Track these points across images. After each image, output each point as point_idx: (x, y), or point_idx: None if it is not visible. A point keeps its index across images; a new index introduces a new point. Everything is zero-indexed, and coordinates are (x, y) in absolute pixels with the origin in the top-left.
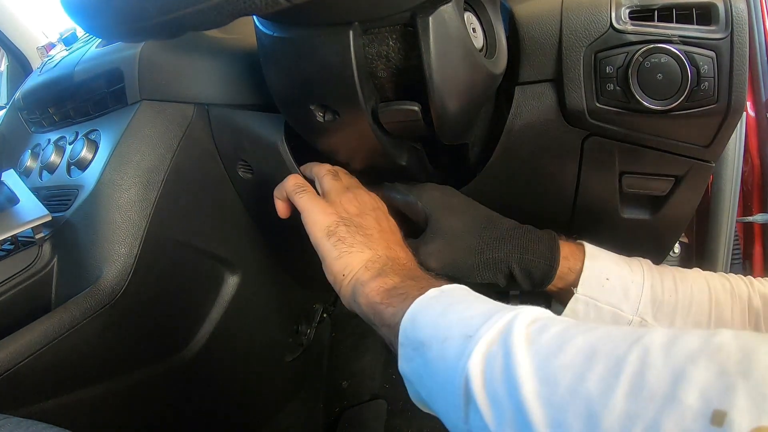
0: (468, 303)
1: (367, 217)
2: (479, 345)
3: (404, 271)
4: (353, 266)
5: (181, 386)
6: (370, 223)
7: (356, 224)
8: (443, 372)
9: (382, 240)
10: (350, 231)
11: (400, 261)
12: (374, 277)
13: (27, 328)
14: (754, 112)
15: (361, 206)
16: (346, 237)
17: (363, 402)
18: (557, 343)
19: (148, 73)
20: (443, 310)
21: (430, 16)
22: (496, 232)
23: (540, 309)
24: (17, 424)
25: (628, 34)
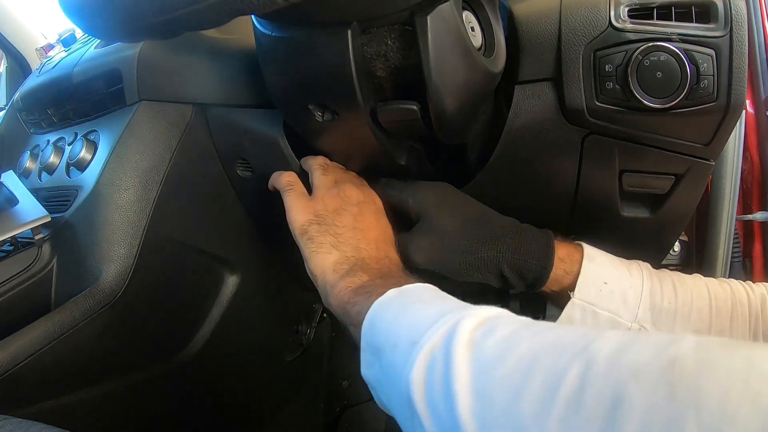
0: (423, 304)
1: (344, 214)
2: (422, 353)
3: (375, 270)
4: (323, 266)
5: (180, 386)
6: (345, 221)
7: (329, 222)
8: (393, 381)
9: (353, 239)
10: (321, 230)
11: (371, 260)
12: (342, 277)
13: (27, 329)
14: (754, 109)
15: (343, 202)
16: (315, 236)
17: (363, 402)
18: (500, 350)
19: (146, 73)
20: (398, 312)
21: (428, 15)
22: (488, 231)
23: (496, 309)
24: (17, 425)
25: (627, 32)
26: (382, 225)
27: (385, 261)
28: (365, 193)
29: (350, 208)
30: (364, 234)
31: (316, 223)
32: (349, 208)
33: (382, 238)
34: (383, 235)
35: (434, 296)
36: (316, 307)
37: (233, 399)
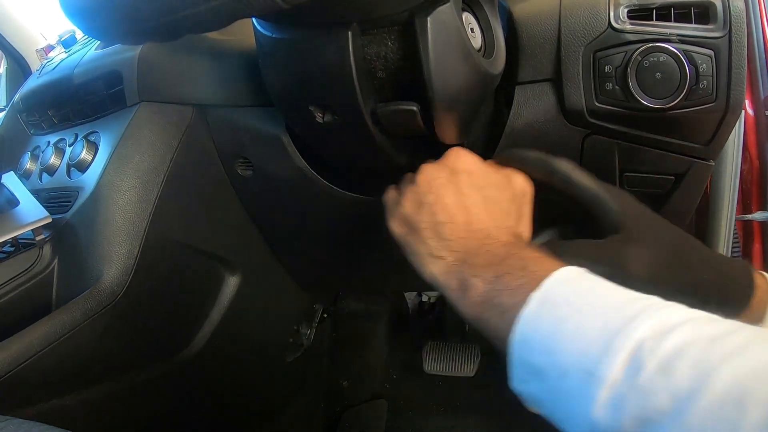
0: (581, 315)
1: (422, 211)
2: (604, 389)
3: (486, 269)
4: (435, 283)
5: (181, 387)
6: (425, 219)
7: (415, 227)
8: (568, 411)
9: (439, 241)
10: (415, 240)
11: (475, 258)
12: (458, 293)
13: (28, 330)
14: (753, 110)
15: (418, 194)
16: (414, 248)
17: (363, 402)
18: (698, 376)
19: (146, 74)
20: (553, 328)
21: (428, 17)
22: (696, 256)
23: (667, 311)
24: (19, 426)
25: (627, 33)
26: (472, 197)
27: (493, 246)
28: (443, 167)
29: (426, 198)
30: (450, 227)
31: (407, 232)
32: (425, 199)
33: (477, 216)
34: (476, 208)
35: (587, 294)
36: (317, 307)
37: (234, 399)
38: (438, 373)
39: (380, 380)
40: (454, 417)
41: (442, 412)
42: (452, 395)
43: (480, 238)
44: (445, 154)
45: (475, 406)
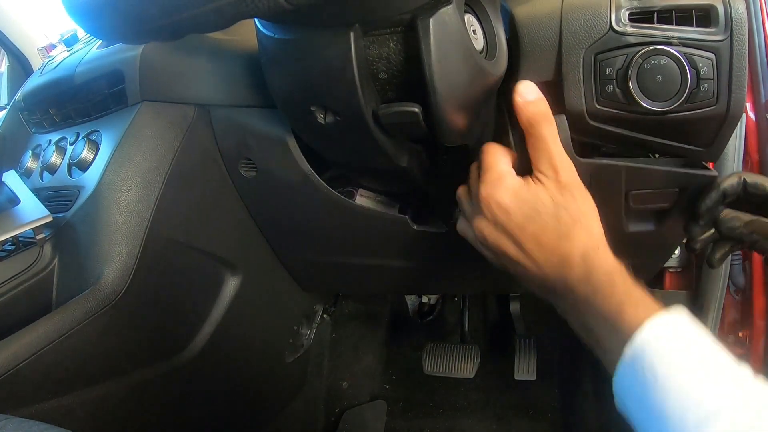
0: (664, 392)
1: (504, 242)
2: None
3: (577, 317)
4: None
5: (181, 387)
6: (510, 250)
7: (501, 255)
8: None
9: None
10: (509, 263)
11: (562, 302)
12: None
13: (28, 329)
14: (754, 113)
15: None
16: (510, 268)
17: (363, 403)
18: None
19: (148, 74)
20: (642, 395)
21: (430, 18)
22: None
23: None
24: (18, 425)
25: (628, 35)
26: (527, 242)
27: (569, 286)
28: (485, 221)
29: (494, 250)
30: (524, 272)
31: (495, 261)
32: (494, 250)
33: (541, 258)
34: (537, 252)
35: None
36: (317, 308)
37: (234, 399)
38: (437, 374)
39: (380, 381)
40: (453, 418)
41: (442, 413)
42: (452, 396)
43: (553, 279)
44: (480, 179)
45: (475, 407)
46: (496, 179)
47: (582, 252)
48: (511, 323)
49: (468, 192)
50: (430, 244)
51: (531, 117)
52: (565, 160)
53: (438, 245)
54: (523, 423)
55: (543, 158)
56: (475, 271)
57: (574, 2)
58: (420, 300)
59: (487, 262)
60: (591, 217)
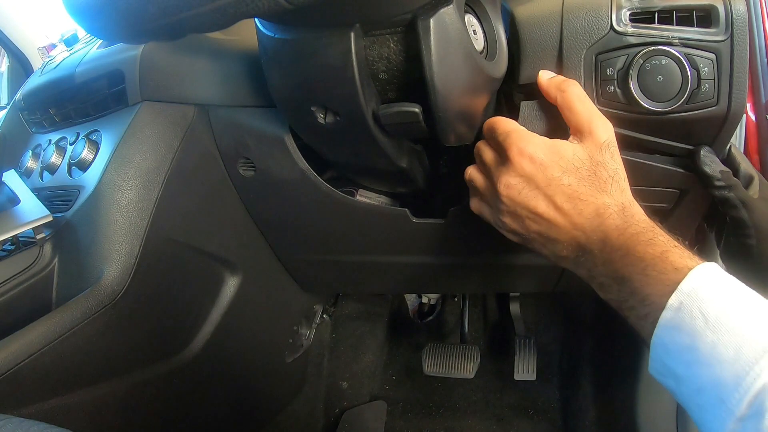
0: (716, 332)
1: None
2: (732, 422)
3: (611, 274)
4: (566, 267)
5: (181, 387)
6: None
7: (525, 228)
8: (700, 419)
9: (549, 235)
10: (527, 239)
11: (596, 257)
12: (589, 279)
13: (28, 328)
14: (754, 114)
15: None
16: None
17: (363, 403)
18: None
19: (149, 74)
20: (691, 344)
21: (431, 18)
22: None
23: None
24: (18, 425)
25: (629, 36)
26: (559, 194)
27: (605, 238)
28: (513, 172)
29: (520, 212)
30: (555, 230)
31: (524, 241)
32: (520, 212)
33: (573, 209)
34: (568, 203)
35: (719, 312)
36: (316, 308)
37: (233, 399)
38: (437, 374)
39: (380, 381)
40: (453, 418)
41: (442, 414)
42: (452, 397)
43: (587, 232)
44: (507, 158)
45: (475, 407)
46: (525, 136)
47: (619, 204)
48: (511, 323)
49: (480, 168)
50: (430, 237)
51: (558, 83)
52: (601, 118)
53: (438, 237)
54: (523, 423)
55: (580, 119)
56: (475, 266)
57: (575, 2)
58: (420, 300)
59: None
60: (624, 177)
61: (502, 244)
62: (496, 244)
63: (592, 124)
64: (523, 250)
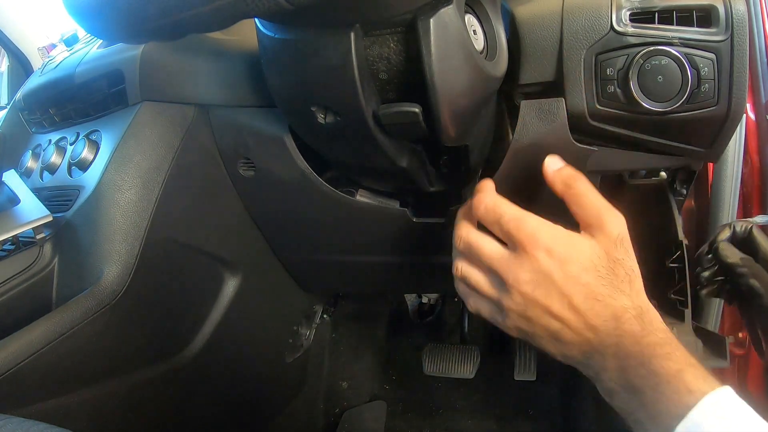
0: None
1: (534, 309)
2: None
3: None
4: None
5: (181, 387)
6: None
7: (531, 319)
8: None
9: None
10: (531, 332)
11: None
12: (595, 379)
13: (28, 328)
14: (754, 113)
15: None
16: (534, 338)
17: (363, 403)
18: None
19: (149, 74)
20: None
21: (431, 18)
22: None
23: None
24: (18, 425)
25: (629, 36)
26: (575, 292)
27: (619, 343)
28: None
29: (531, 312)
30: (567, 332)
31: (527, 337)
32: (530, 313)
33: (589, 310)
34: (585, 303)
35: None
36: (316, 308)
37: (233, 399)
38: (437, 374)
39: (379, 381)
40: (453, 418)
41: (442, 414)
42: (451, 397)
43: (603, 337)
44: (523, 250)
45: (475, 407)
46: (540, 226)
47: (637, 307)
48: None
49: (474, 262)
50: (430, 237)
51: (565, 178)
52: (612, 211)
53: (438, 237)
54: (523, 423)
55: (590, 213)
56: None
57: (575, 2)
58: (420, 300)
59: None
60: (639, 276)
61: None
62: None
63: (602, 218)
64: None
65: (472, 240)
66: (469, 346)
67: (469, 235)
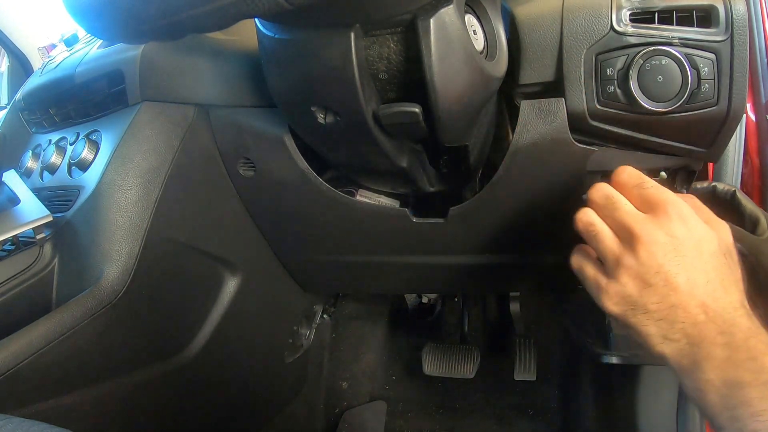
0: None
1: (650, 291)
2: None
3: (728, 373)
4: (669, 363)
5: (181, 387)
6: (654, 299)
7: (642, 308)
8: None
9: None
10: (641, 320)
11: (709, 344)
12: (689, 371)
13: (28, 328)
14: (754, 114)
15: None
16: (640, 328)
17: (363, 403)
18: None
19: (149, 74)
20: None
21: (431, 18)
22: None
23: None
24: (18, 425)
25: (629, 36)
26: (705, 273)
27: (732, 336)
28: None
29: (654, 279)
30: (683, 311)
31: (629, 312)
32: (652, 279)
33: (712, 295)
34: (711, 286)
35: None
36: (316, 308)
37: (233, 400)
38: (437, 374)
39: (379, 381)
40: (453, 418)
41: (441, 414)
42: (451, 397)
43: (718, 324)
44: (663, 212)
45: (475, 407)
46: (681, 199)
47: (747, 308)
48: (511, 323)
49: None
50: (430, 237)
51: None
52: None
53: (438, 237)
54: (523, 423)
55: (710, 217)
56: (475, 266)
57: (575, 2)
58: (420, 300)
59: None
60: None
61: (503, 244)
62: (496, 244)
63: (719, 222)
64: (522, 250)
65: (611, 192)
66: (469, 346)
67: (609, 188)
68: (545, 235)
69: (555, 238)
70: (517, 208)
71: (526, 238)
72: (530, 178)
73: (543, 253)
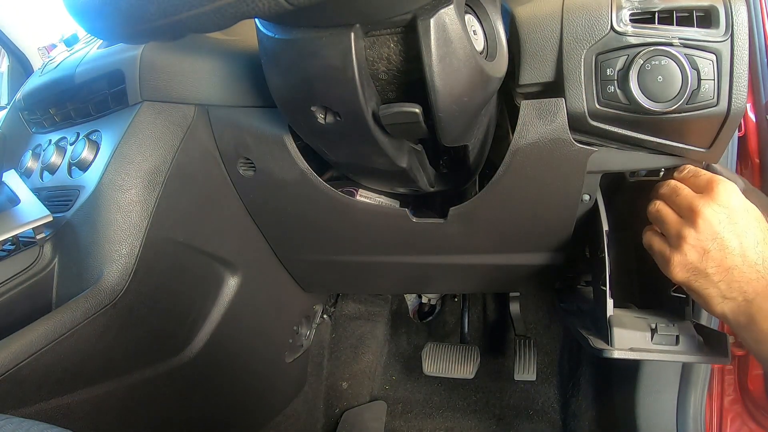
0: None
1: (709, 256)
2: None
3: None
4: (729, 321)
5: (181, 387)
6: (713, 263)
7: (703, 272)
8: None
9: (730, 280)
10: (704, 284)
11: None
12: (747, 325)
13: (28, 328)
14: (754, 114)
15: (702, 239)
16: (703, 292)
17: (363, 403)
18: None
19: (149, 74)
20: None
21: (431, 19)
22: None
23: None
24: (18, 424)
25: (629, 36)
26: (754, 237)
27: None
28: (720, 208)
29: (711, 245)
30: (739, 271)
31: (693, 278)
32: (710, 246)
33: (762, 255)
34: (759, 247)
35: None
36: (316, 308)
37: (233, 399)
38: (437, 374)
39: (379, 382)
40: (453, 419)
41: (441, 414)
42: (451, 397)
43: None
44: (714, 190)
45: (475, 407)
46: (729, 180)
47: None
48: (511, 323)
49: (670, 203)
50: (430, 237)
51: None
52: None
53: (438, 238)
54: (523, 423)
55: None
56: (475, 266)
57: (575, 3)
58: (420, 300)
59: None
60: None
61: (503, 245)
62: (496, 245)
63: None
64: (522, 250)
65: (674, 183)
66: (469, 346)
67: (672, 181)
68: (545, 235)
69: (555, 238)
70: (517, 208)
71: (526, 238)
72: (530, 178)
73: (543, 253)
